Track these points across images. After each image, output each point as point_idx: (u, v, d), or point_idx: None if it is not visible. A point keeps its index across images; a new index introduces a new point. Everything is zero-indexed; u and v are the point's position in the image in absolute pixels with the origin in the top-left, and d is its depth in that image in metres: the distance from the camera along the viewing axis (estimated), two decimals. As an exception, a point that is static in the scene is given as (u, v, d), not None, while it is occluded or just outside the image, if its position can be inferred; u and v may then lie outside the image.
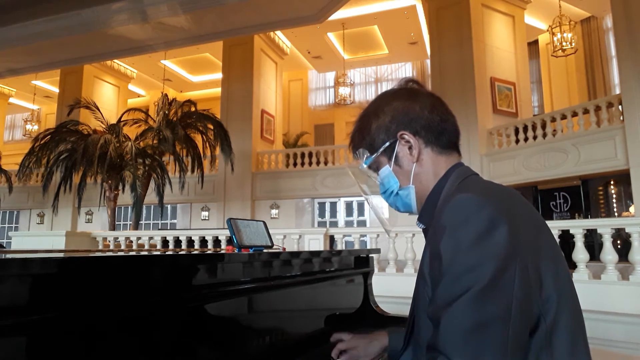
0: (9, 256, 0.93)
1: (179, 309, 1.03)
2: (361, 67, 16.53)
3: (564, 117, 8.38)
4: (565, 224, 4.92)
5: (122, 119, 10.42)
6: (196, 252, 1.66)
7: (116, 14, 9.74)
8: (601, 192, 8.61)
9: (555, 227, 4.66)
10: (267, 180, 12.00)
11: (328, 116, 16.96)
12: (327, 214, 11.94)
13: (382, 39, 14.20)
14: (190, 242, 6.95)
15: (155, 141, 9.98)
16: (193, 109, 10.47)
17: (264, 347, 1.30)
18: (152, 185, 10.07)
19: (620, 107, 7.42)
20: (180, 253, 1.31)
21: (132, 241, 7.41)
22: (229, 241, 3.96)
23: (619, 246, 6.50)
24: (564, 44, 10.07)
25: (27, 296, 0.73)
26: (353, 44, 14.26)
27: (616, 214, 8.33)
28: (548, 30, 10.67)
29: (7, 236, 13.02)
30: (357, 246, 5.95)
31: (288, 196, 11.85)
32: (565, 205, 8.85)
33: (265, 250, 1.51)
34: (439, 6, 10.42)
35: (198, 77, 16.91)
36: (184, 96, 15.63)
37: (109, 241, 7.46)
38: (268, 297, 1.37)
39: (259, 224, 1.66)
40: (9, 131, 20.46)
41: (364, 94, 16.69)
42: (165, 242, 7.13)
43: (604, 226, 4.53)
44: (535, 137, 8.72)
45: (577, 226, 4.65)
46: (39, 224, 14.00)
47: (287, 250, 1.68)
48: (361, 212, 11.69)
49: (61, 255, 1.11)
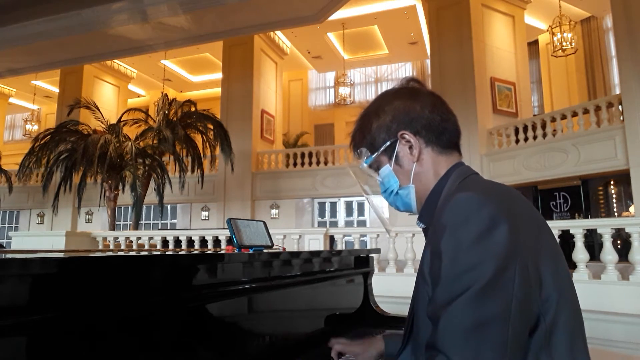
0: (9, 256, 0.93)
1: (179, 309, 1.03)
2: (361, 67, 16.52)
3: (564, 117, 8.38)
4: (565, 224, 4.92)
5: (122, 119, 10.41)
6: (196, 252, 1.66)
7: (116, 14, 9.74)
8: (601, 192, 8.60)
9: (555, 227, 4.65)
10: (267, 180, 12.00)
11: (328, 116, 16.96)
12: (327, 214, 11.94)
13: (382, 39, 14.19)
14: (190, 242, 6.94)
15: (155, 141, 9.98)
16: (193, 109, 10.46)
17: (264, 347, 1.30)
18: (152, 185, 10.07)
19: (620, 107, 7.42)
20: (180, 253, 1.31)
21: (132, 241, 7.41)
22: (229, 241, 3.96)
23: (619, 246, 6.50)
24: (564, 44, 10.06)
25: (27, 296, 0.73)
26: (353, 44, 14.26)
27: (616, 214, 8.32)
28: (548, 30, 10.67)
29: (7, 236, 13.02)
30: (357, 246, 5.95)
31: (288, 196, 11.85)
32: (565, 205, 8.85)
33: (265, 250, 1.51)
34: (439, 6, 10.42)
35: (198, 77, 16.91)
36: (184, 96, 15.62)
37: (109, 241, 7.46)
38: (268, 297, 1.37)
39: (259, 224, 1.66)
40: (9, 131, 20.45)
41: (364, 94, 16.68)
42: (165, 242, 7.13)
43: (604, 226, 4.53)
44: (535, 137, 8.72)
45: (577, 226, 4.65)
46: (39, 224, 13.99)
47: (287, 250, 1.68)
48: (361, 212, 11.69)
49: (61, 255, 1.11)
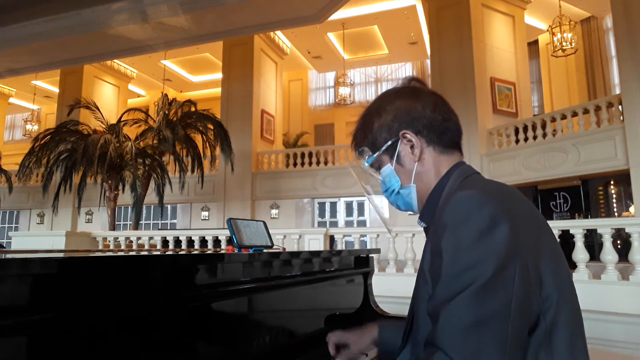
0: (9, 256, 0.93)
1: (179, 309, 1.03)
2: (361, 67, 16.52)
3: (564, 117, 8.38)
4: (565, 224, 4.92)
5: (122, 119, 10.41)
6: (196, 252, 1.66)
7: (116, 14, 9.74)
8: (601, 192, 8.61)
9: (555, 227, 4.65)
10: (267, 180, 12.00)
11: (328, 116, 16.96)
12: (327, 214, 11.94)
13: (382, 39, 14.19)
14: (190, 242, 6.94)
15: (155, 141, 9.98)
16: (193, 109, 10.46)
17: (264, 347, 1.30)
18: (152, 185, 10.07)
19: (620, 107, 7.42)
20: (180, 253, 1.31)
21: (132, 241, 7.41)
22: (229, 241, 3.96)
23: (619, 246, 6.50)
24: (564, 44, 10.07)
25: (28, 296, 0.73)
26: (353, 44, 14.26)
27: (616, 214, 8.33)
28: (548, 30, 10.67)
29: (7, 236, 13.02)
30: (357, 246, 5.95)
31: (288, 196, 11.86)
32: (565, 205, 8.85)
33: (265, 250, 1.51)
34: (439, 6, 10.42)
35: (198, 77, 16.91)
36: (184, 96, 15.62)
37: (109, 241, 7.46)
38: (268, 297, 1.37)
39: (259, 224, 1.65)
40: (9, 131, 20.45)
41: (364, 94, 16.68)
42: (165, 242, 7.13)
43: (604, 226, 4.53)
44: (535, 137, 8.72)
45: (577, 226, 4.65)
46: (39, 224, 13.99)
47: (287, 250, 1.68)
48: (361, 212, 11.68)
49: (61, 255, 1.11)
